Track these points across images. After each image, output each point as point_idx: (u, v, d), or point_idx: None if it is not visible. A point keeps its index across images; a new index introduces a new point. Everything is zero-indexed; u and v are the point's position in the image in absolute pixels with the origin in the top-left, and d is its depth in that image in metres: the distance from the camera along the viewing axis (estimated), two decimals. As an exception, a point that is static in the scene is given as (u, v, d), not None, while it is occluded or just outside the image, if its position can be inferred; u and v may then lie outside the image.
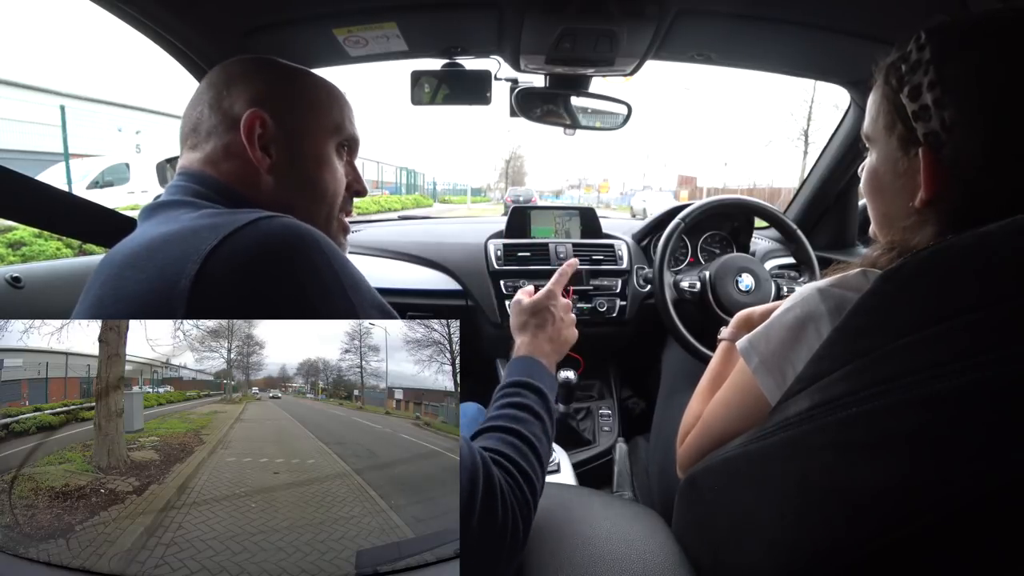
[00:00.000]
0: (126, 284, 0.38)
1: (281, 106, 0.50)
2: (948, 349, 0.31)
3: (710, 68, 1.10)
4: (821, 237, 1.44)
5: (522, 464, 0.46)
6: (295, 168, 0.51)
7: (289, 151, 0.50)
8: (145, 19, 0.76)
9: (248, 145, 0.48)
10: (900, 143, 0.45)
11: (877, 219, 0.52)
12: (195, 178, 0.48)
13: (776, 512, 0.42)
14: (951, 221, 0.41)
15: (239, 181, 0.49)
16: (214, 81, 0.51)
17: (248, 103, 0.49)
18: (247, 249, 0.36)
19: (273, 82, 0.51)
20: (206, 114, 0.49)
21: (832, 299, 0.45)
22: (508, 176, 41.54)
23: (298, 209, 0.50)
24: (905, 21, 0.81)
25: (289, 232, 0.38)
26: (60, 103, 6.96)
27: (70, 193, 0.78)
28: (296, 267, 0.37)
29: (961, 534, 0.32)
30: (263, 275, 0.36)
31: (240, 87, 0.49)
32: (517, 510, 0.43)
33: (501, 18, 0.86)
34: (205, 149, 0.49)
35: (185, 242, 0.37)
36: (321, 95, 0.53)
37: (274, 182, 0.50)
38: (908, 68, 0.43)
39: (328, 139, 0.53)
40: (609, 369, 1.45)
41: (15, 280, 0.81)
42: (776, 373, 0.47)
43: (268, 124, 0.49)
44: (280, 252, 0.37)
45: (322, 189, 0.53)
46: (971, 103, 0.39)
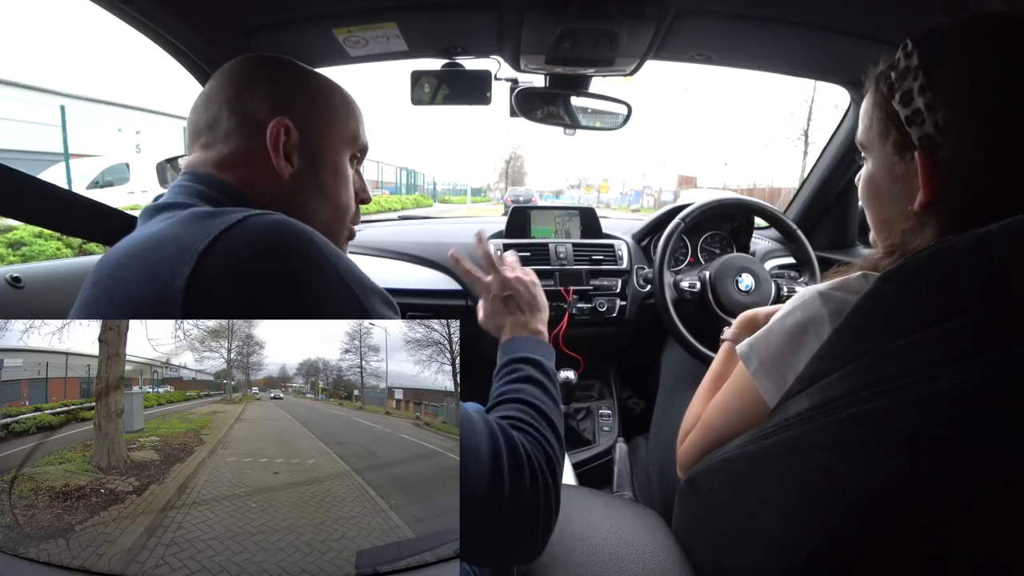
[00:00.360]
0: (119, 286, 0.38)
1: (305, 114, 0.49)
2: (948, 349, 0.31)
3: (710, 68, 1.10)
4: (821, 237, 1.44)
5: (535, 424, 0.48)
6: (315, 178, 0.50)
7: (310, 160, 0.50)
8: (145, 19, 0.76)
9: (273, 152, 0.47)
10: (895, 149, 0.45)
11: (876, 225, 0.52)
12: (203, 179, 0.47)
13: (776, 512, 0.42)
14: (951, 222, 0.41)
15: (255, 186, 0.47)
16: (232, 80, 0.49)
17: (272, 108, 0.48)
18: (243, 246, 0.36)
19: (296, 86, 0.50)
20: (224, 114, 0.48)
21: (833, 302, 0.44)
22: (508, 176, 41.55)
23: (315, 219, 0.50)
24: (905, 21, 0.81)
25: (282, 229, 0.38)
26: (60, 103, 6.97)
27: (72, 192, 0.78)
28: (293, 263, 0.37)
29: (961, 534, 0.32)
30: (260, 273, 0.36)
31: (263, 89, 0.48)
32: (544, 466, 0.44)
33: (501, 18, 0.86)
34: (220, 151, 0.48)
35: (177, 242, 0.37)
36: (339, 104, 0.52)
37: (294, 190, 0.49)
38: (898, 75, 0.43)
39: (345, 149, 0.52)
40: (609, 369, 1.45)
41: (15, 280, 0.81)
42: (776, 377, 0.47)
43: (292, 132, 0.48)
44: (276, 249, 0.36)
45: (337, 200, 0.52)
46: (964, 103, 0.40)
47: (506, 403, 0.51)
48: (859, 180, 0.53)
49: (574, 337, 1.23)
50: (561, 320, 1.22)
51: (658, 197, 26.20)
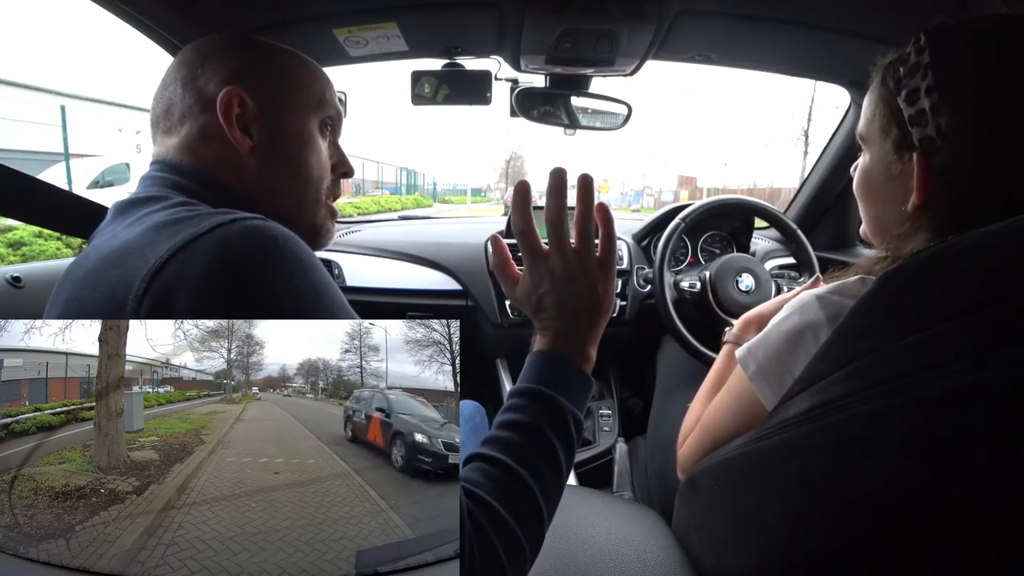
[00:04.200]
0: (85, 305, 0.36)
1: (260, 83, 0.47)
2: (949, 350, 0.31)
3: (710, 68, 1.10)
4: (821, 237, 1.44)
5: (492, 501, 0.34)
6: (278, 149, 0.48)
7: (270, 131, 0.47)
8: (145, 19, 0.76)
9: (226, 125, 0.45)
10: (895, 147, 0.45)
11: (868, 221, 0.52)
12: (171, 167, 0.44)
13: (776, 512, 0.42)
14: (940, 229, 0.41)
15: (219, 166, 0.45)
16: (187, 59, 0.47)
17: (224, 80, 0.45)
18: (202, 262, 0.32)
19: (250, 58, 0.48)
20: (179, 94, 0.46)
21: (831, 306, 0.44)
22: (508, 176, 41.52)
23: (283, 193, 0.48)
24: (905, 21, 0.81)
25: (248, 239, 0.34)
26: (60, 103, 6.97)
27: (70, 192, 0.77)
28: (255, 278, 0.33)
29: (960, 535, 0.32)
30: (217, 291, 0.32)
31: (215, 64, 0.46)
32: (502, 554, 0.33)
33: (501, 18, 0.86)
34: (180, 133, 0.46)
35: (136, 256, 0.34)
36: (300, 70, 0.50)
37: (256, 165, 0.47)
38: (907, 71, 0.43)
39: (311, 116, 0.50)
40: (609, 369, 1.45)
41: (15, 280, 0.81)
42: (773, 381, 0.47)
43: (247, 102, 0.45)
44: (237, 264, 0.33)
45: (307, 171, 0.50)
46: (965, 110, 0.39)
47: (480, 459, 0.37)
48: (855, 170, 0.52)
49: (574, 337, 1.23)
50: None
51: (658, 197, 26.20)
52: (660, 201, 24.47)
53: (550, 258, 0.42)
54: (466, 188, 34.75)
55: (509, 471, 0.36)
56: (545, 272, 0.42)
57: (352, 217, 2.27)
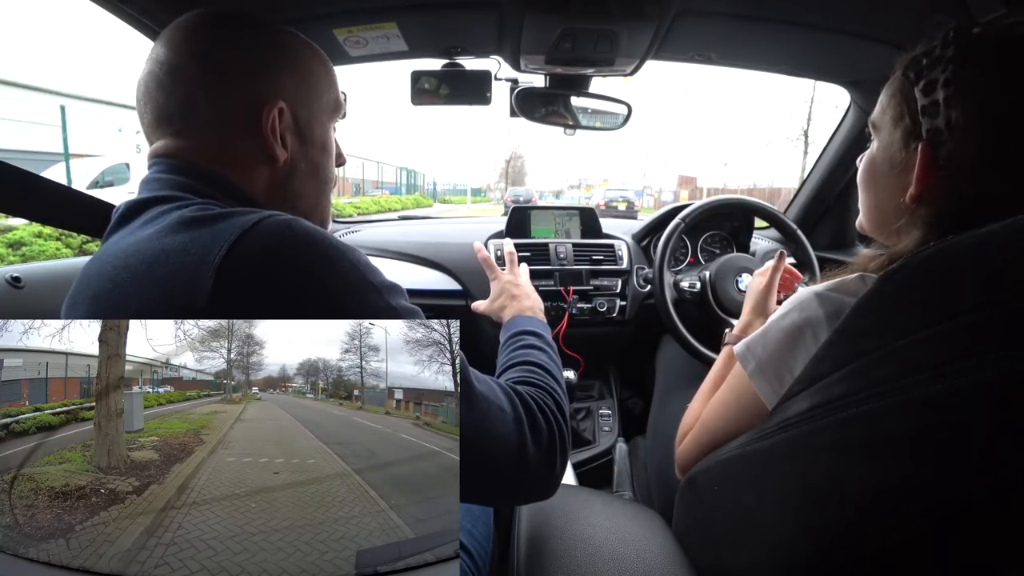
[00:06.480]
0: (128, 303, 0.36)
1: (293, 90, 0.47)
2: (949, 349, 0.31)
3: (710, 68, 1.10)
4: (821, 237, 1.44)
5: (543, 378, 0.52)
6: (307, 159, 0.49)
7: (302, 140, 0.48)
8: (145, 19, 0.75)
9: (272, 140, 0.45)
10: (903, 136, 0.45)
11: (867, 211, 0.52)
12: (184, 170, 0.43)
13: (776, 512, 0.42)
14: (936, 226, 0.42)
15: (244, 173, 0.45)
16: (199, 54, 0.44)
17: (256, 88, 0.45)
18: (259, 253, 0.35)
19: (277, 58, 0.46)
20: (200, 99, 0.44)
21: (830, 304, 0.44)
22: (508, 176, 41.53)
23: (304, 198, 0.49)
24: (905, 22, 0.81)
25: (294, 229, 0.37)
26: (60, 103, 6.97)
27: (71, 188, 0.77)
28: (310, 262, 0.36)
29: (961, 534, 0.32)
30: (279, 278, 0.35)
31: (239, 69, 0.44)
32: (555, 410, 0.48)
33: (501, 18, 0.86)
34: (201, 138, 0.44)
35: (187, 253, 0.35)
36: (320, 71, 0.50)
37: (286, 174, 0.48)
38: (929, 63, 0.43)
39: (330, 120, 0.51)
40: (609, 369, 1.45)
41: (15, 280, 0.81)
42: (773, 378, 0.47)
43: (285, 113, 0.46)
44: (291, 251, 0.36)
45: (326, 175, 0.51)
46: (977, 108, 0.39)
47: (514, 367, 0.56)
48: (860, 160, 0.53)
49: (574, 337, 1.23)
50: (561, 320, 1.22)
51: (658, 197, 26.22)
52: (660, 201, 24.48)
53: (499, 277, 0.83)
54: (466, 188, 34.77)
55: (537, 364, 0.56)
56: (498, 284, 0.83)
57: (352, 217, 2.27)
